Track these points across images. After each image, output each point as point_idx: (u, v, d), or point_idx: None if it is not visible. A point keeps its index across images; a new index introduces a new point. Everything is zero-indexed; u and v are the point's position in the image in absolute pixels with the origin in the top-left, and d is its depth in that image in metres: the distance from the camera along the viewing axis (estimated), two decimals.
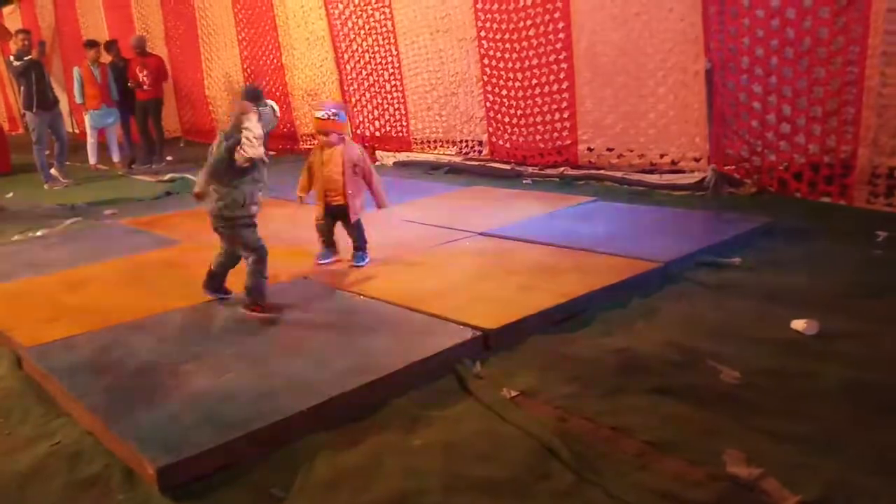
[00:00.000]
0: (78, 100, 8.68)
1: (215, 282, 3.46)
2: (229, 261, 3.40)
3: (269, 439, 2.23)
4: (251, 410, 2.33)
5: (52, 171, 8.30)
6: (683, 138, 5.71)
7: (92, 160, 9.16)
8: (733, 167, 5.45)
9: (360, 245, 3.99)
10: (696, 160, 5.65)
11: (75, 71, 8.78)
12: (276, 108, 3.44)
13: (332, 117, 3.80)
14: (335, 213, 3.94)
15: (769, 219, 4.46)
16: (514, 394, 2.51)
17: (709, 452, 2.09)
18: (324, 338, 2.98)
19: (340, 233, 4.03)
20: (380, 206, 4.07)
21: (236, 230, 3.24)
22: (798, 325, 2.91)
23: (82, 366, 2.80)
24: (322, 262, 3.99)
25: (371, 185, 4.01)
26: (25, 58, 7.99)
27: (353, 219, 3.92)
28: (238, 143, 3.11)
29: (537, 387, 2.56)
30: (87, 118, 9.02)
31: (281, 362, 2.73)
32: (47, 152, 8.33)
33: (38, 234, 5.59)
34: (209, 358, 2.80)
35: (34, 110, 8.06)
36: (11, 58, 8.24)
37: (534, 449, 2.17)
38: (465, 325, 2.96)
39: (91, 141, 9.15)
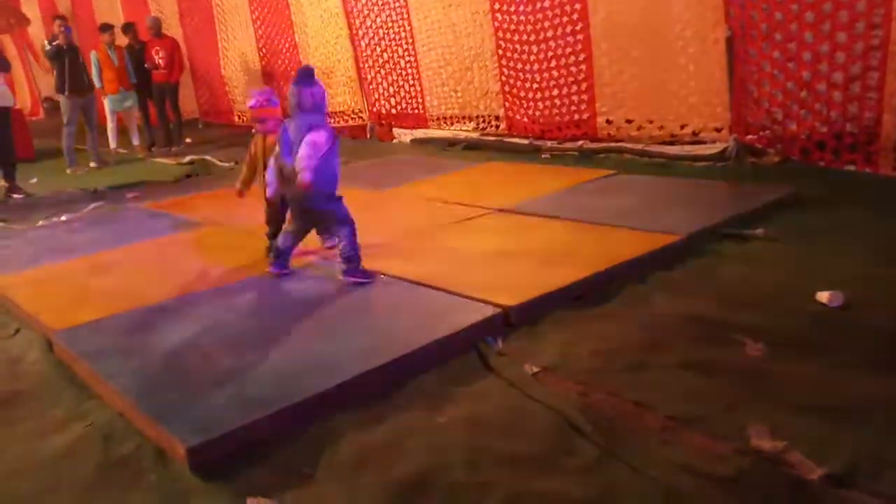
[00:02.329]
0: (97, 84, 8.75)
1: (284, 258, 3.53)
2: (300, 237, 3.52)
3: (295, 418, 2.26)
4: (277, 390, 2.37)
5: (91, 161, 8.41)
6: (704, 108, 5.62)
7: (112, 144, 9.25)
8: (755, 137, 5.37)
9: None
10: (718, 130, 5.57)
11: (93, 55, 8.82)
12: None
13: (264, 104, 3.70)
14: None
15: (792, 189, 4.40)
16: (536, 370, 2.53)
17: (733, 426, 2.09)
18: (346, 317, 3.01)
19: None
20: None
21: (332, 206, 3.36)
22: (823, 296, 2.88)
23: (111, 348, 2.85)
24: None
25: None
26: (56, 44, 8.12)
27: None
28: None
29: (560, 362, 2.57)
30: (105, 102, 9.09)
31: (305, 342, 2.76)
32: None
33: (62, 218, 5.67)
34: (234, 339, 2.84)
35: (66, 94, 8.17)
36: (45, 42, 8.44)
37: (557, 424, 2.18)
38: (486, 302, 2.96)
39: (111, 125, 9.24)
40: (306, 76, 3.31)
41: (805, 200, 4.26)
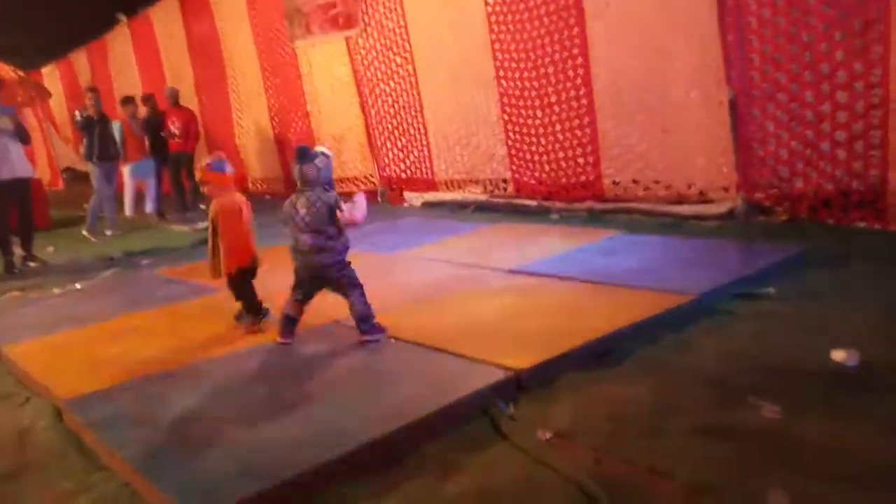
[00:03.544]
0: (117, 153, 9.03)
1: (293, 326, 3.56)
2: (306, 303, 3.56)
3: (303, 489, 2.22)
4: (284, 459, 2.34)
5: (107, 229, 8.60)
6: (710, 168, 5.69)
7: (129, 212, 9.44)
8: (763, 195, 5.40)
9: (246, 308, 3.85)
10: (725, 189, 5.61)
11: (117, 125, 9.13)
12: (327, 150, 3.51)
13: (206, 169, 3.76)
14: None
15: (802, 246, 4.40)
16: (549, 435, 2.49)
17: (751, 494, 2.03)
18: (354, 383, 2.99)
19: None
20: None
21: (344, 273, 3.45)
22: (838, 355, 2.84)
23: (120, 417, 2.83)
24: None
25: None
26: (84, 114, 8.56)
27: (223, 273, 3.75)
28: (332, 204, 3.37)
29: (572, 428, 2.53)
30: (127, 170, 9.35)
31: (313, 409, 2.74)
32: (85, 205, 8.64)
33: (78, 286, 5.73)
34: (243, 407, 2.83)
35: (95, 161, 8.50)
36: (77, 112, 8.97)
37: (572, 493, 2.13)
38: (496, 365, 2.94)
39: (130, 192, 9.47)
40: (301, 155, 3.42)
41: (815, 258, 4.24)
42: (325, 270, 3.44)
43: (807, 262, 4.20)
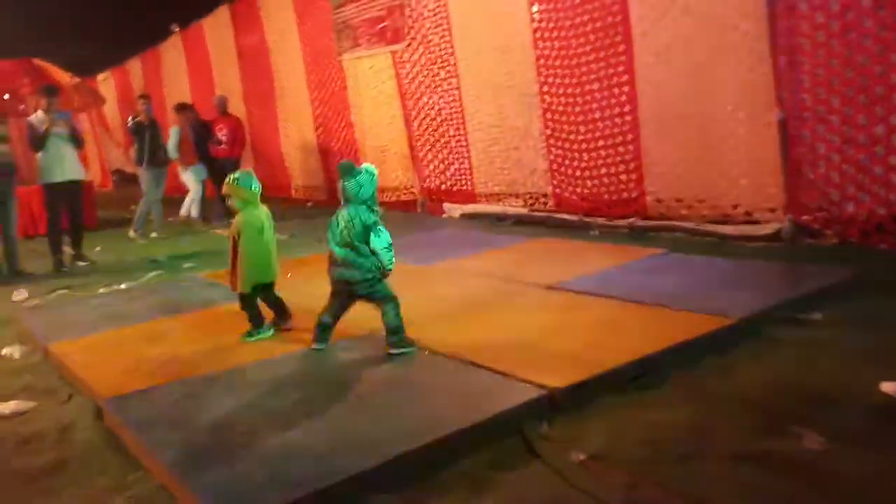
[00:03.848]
0: (173, 156, 9.25)
1: (326, 332, 3.61)
2: (342, 312, 3.61)
3: (333, 499, 2.23)
4: (318, 468, 2.34)
5: (153, 231, 8.83)
6: (756, 189, 5.57)
7: (195, 213, 9.61)
8: (811, 217, 5.27)
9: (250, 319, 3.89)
10: (772, 210, 5.49)
11: (176, 130, 9.36)
12: (372, 167, 3.53)
13: (231, 182, 3.78)
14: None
15: (851, 271, 4.27)
16: (582, 457, 2.44)
17: None
18: (388, 394, 2.99)
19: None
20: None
21: (376, 287, 3.48)
22: (888, 387, 2.74)
23: (158, 418, 2.88)
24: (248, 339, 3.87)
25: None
26: (136, 119, 8.88)
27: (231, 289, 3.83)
28: (369, 224, 3.39)
29: (607, 450, 2.49)
30: (190, 173, 9.56)
31: (347, 419, 2.75)
32: (133, 207, 8.87)
33: (122, 286, 5.87)
34: (277, 413, 2.85)
35: (144, 166, 8.76)
36: (130, 118, 9.27)
37: None
38: (532, 383, 2.91)
39: (196, 195, 9.64)
40: (345, 170, 3.45)
41: (865, 284, 4.11)
42: (352, 286, 3.47)
43: (856, 287, 4.07)
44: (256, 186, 3.85)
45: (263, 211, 3.87)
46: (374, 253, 3.41)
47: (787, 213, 5.33)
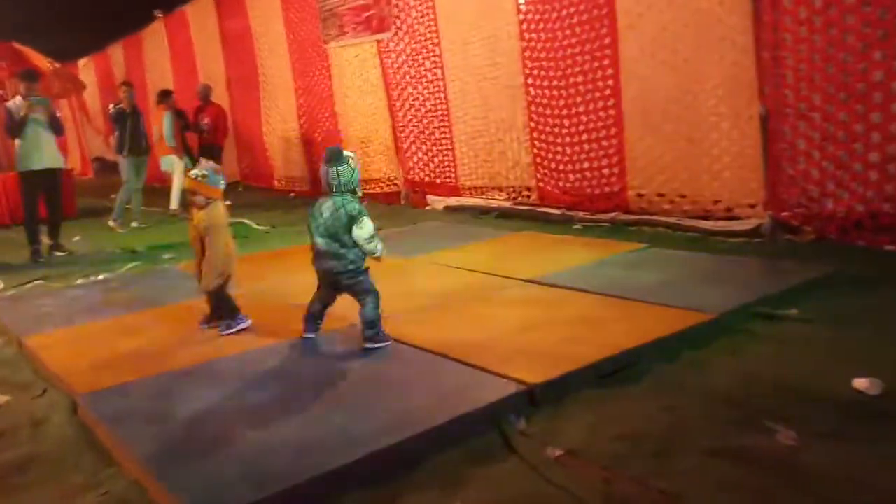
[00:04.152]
0: (170, 143, 9.09)
1: (314, 322, 3.62)
2: (329, 302, 3.61)
3: (308, 495, 2.22)
4: (293, 465, 2.33)
5: (133, 221, 8.69)
6: (738, 184, 5.60)
7: (174, 205, 9.44)
8: (790, 214, 5.30)
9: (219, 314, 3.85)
10: (752, 206, 5.52)
11: (169, 116, 9.17)
12: (353, 156, 3.51)
13: (199, 179, 3.71)
14: None
15: (829, 268, 4.30)
16: (559, 453, 2.45)
17: None
18: (365, 389, 2.98)
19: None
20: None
21: (357, 280, 3.46)
22: (860, 383, 2.77)
23: (134, 413, 2.86)
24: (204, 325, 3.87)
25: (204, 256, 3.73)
26: (118, 106, 8.78)
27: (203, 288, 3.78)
28: (354, 214, 3.37)
29: (584, 445, 2.49)
30: (178, 163, 9.33)
31: (324, 414, 2.74)
32: (113, 196, 8.78)
33: (100, 278, 5.81)
34: (254, 408, 2.83)
35: (125, 154, 8.67)
36: (111, 105, 9.23)
37: None
38: (510, 378, 2.91)
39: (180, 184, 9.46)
40: (336, 156, 3.42)
41: (842, 280, 4.15)
42: (336, 277, 3.46)
43: (833, 284, 4.11)
44: (224, 184, 3.81)
45: (224, 205, 3.85)
46: (356, 243, 3.40)
47: (768, 208, 5.37)
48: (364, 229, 3.38)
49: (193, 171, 3.76)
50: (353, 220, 3.37)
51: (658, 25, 5.83)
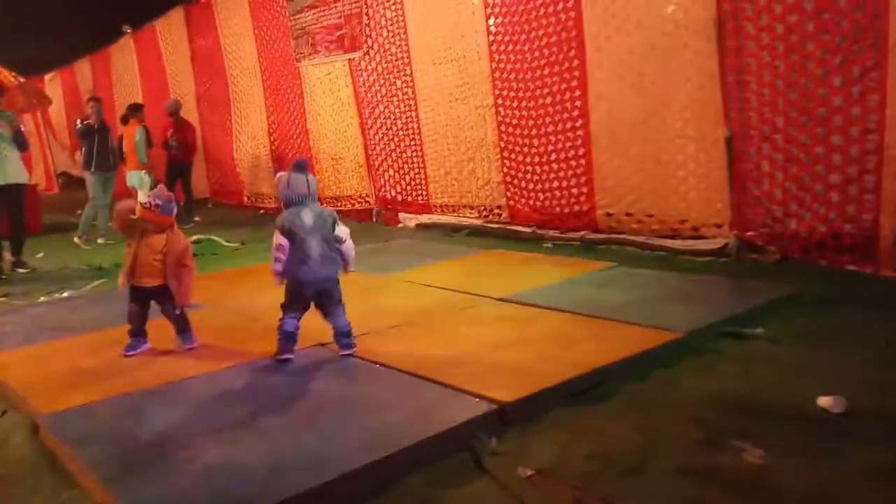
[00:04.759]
0: (143, 159, 8.94)
1: (294, 341, 3.57)
2: (300, 317, 3.58)
3: None
4: (260, 487, 2.29)
5: (99, 238, 8.53)
6: (704, 204, 5.70)
7: None
8: (756, 233, 5.41)
9: (184, 327, 3.83)
10: (718, 226, 5.62)
11: (141, 131, 9.00)
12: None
13: (152, 208, 3.63)
14: (149, 296, 3.78)
15: (793, 288, 4.39)
16: (530, 472, 2.45)
17: None
18: (336, 409, 2.95)
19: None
20: (179, 302, 3.74)
21: (339, 286, 3.53)
22: (825, 401, 2.82)
23: (97, 434, 2.78)
24: (130, 352, 3.75)
25: (180, 277, 3.70)
26: (85, 122, 8.66)
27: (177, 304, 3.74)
28: (335, 217, 3.51)
29: (555, 464, 2.50)
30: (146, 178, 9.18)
31: (291, 435, 2.70)
32: (79, 212, 8.64)
33: (64, 295, 5.68)
34: (221, 429, 2.78)
35: (92, 170, 8.54)
36: (78, 121, 9.02)
37: None
38: (481, 397, 2.91)
39: None
40: (306, 165, 3.59)
41: (805, 300, 4.24)
42: (329, 283, 3.48)
43: (797, 303, 4.20)
44: (175, 212, 3.74)
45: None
46: (340, 243, 3.47)
47: (733, 228, 5.47)
48: (344, 228, 3.48)
49: (145, 200, 3.63)
50: (335, 222, 3.45)
51: (625, 48, 5.94)
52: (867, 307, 4.06)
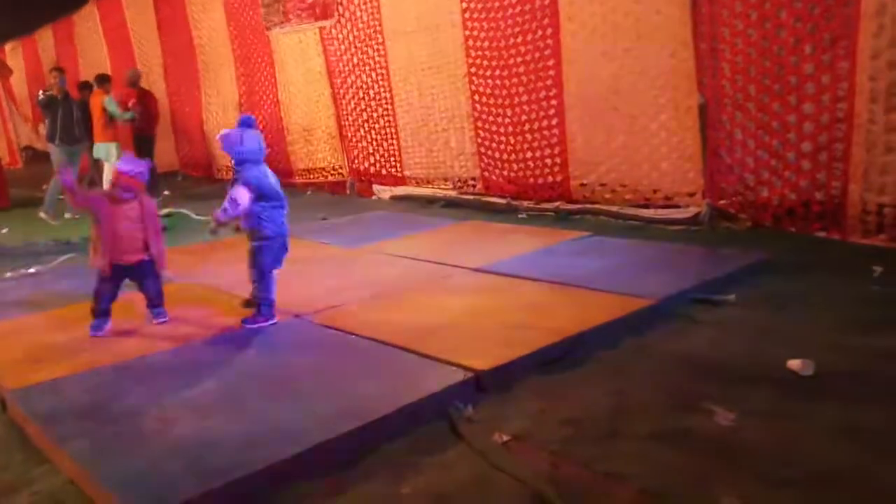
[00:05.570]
0: (122, 117, 8.58)
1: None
2: None
3: (252, 488, 2.17)
4: (235, 458, 2.28)
5: (67, 212, 8.30)
6: (677, 173, 5.73)
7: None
8: (728, 202, 5.46)
9: (160, 301, 3.81)
10: (691, 195, 5.66)
11: (110, 100, 8.64)
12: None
13: (136, 175, 3.62)
14: (127, 273, 3.72)
15: (764, 254, 4.45)
16: (506, 438, 2.47)
17: (704, 500, 2.04)
18: (311, 379, 2.94)
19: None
20: (160, 266, 3.75)
21: None
22: (794, 364, 2.87)
23: (67, 410, 2.74)
24: (98, 333, 3.64)
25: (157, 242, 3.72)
26: (48, 93, 8.33)
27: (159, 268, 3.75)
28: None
29: (530, 430, 2.52)
30: (113, 149, 8.85)
31: (267, 406, 2.68)
32: (44, 186, 8.40)
33: (31, 270, 5.56)
34: (195, 402, 2.75)
35: (56, 143, 8.26)
36: (40, 91, 8.69)
37: (526, 497, 2.12)
38: (457, 365, 2.91)
39: (107, 176, 9.06)
40: (254, 121, 3.70)
41: (776, 266, 4.30)
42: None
43: (768, 269, 4.25)
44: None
45: None
46: None
47: (706, 197, 5.51)
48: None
49: (125, 167, 3.64)
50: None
51: (599, 16, 5.90)
52: (835, 273, 4.13)
